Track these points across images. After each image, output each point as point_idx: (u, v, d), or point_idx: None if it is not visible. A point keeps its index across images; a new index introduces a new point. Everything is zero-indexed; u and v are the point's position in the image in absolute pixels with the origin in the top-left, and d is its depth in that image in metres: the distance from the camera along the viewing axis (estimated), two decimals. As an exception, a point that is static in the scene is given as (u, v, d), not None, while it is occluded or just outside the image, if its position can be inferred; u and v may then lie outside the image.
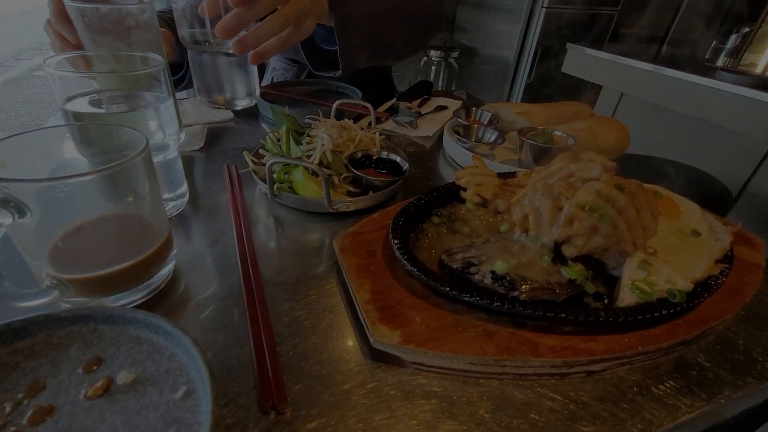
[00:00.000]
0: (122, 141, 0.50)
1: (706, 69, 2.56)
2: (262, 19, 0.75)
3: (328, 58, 1.11)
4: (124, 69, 0.56)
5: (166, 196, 0.66)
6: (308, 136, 0.81)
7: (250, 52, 0.77)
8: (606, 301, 0.51)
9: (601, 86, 2.84)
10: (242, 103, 1.12)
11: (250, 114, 1.17)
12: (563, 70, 2.96)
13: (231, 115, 1.12)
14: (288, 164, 0.72)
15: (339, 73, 1.05)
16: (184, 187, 0.71)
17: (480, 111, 1.09)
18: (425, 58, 4.11)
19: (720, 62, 2.98)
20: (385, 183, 0.75)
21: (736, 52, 2.87)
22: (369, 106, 0.96)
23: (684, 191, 1.73)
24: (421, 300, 0.50)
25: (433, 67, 4.34)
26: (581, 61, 2.80)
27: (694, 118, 2.24)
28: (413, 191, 0.85)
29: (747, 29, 2.92)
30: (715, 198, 1.78)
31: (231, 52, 0.88)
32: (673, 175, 1.87)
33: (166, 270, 0.55)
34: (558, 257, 0.52)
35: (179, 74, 1.13)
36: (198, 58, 1.01)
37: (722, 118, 2.11)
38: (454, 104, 1.41)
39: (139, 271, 0.50)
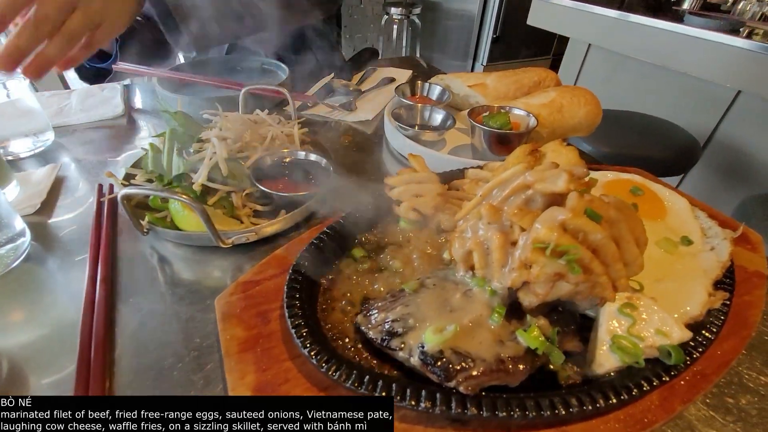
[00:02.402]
0: None
1: (674, 12, 2.43)
2: None
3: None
4: None
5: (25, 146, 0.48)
6: (198, 140, 0.62)
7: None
8: (577, 366, 0.38)
9: (568, 38, 2.69)
10: (23, 148, 0.74)
11: (151, 109, 0.96)
12: (529, 22, 2.76)
13: (121, 110, 0.90)
14: (148, 196, 0.54)
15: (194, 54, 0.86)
16: (17, 227, 0.52)
17: (428, 85, 0.91)
18: (386, 16, 3.79)
19: (687, 5, 2.84)
20: (301, 198, 0.59)
21: (705, -8, 2.72)
22: (284, 91, 0.76)
23: (653, 145, 1.63)
24: (324, 393, 0.35)
25: (395, 26, 4.01)
26: (547, 11, 2.62)
27: (662, 67, 2.14)
28: (346, 198, 0.68)
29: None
30: (683, 149, 1.71)
31: None
32: (642, 129, 1.78)
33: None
34: (513, 308, 0.38)
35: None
36: None
37: (689, 66, 2.01)
38: (404, 75, 1.22)
39: None
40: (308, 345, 0.36)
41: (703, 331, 0.40)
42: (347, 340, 0.40)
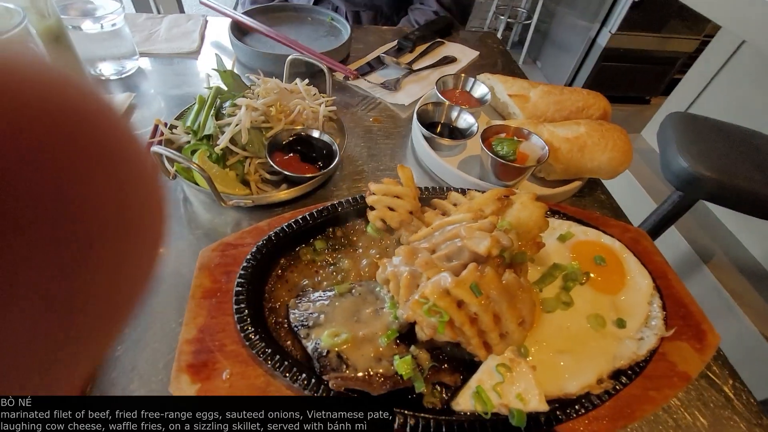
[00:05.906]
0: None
1: None
2: None
3: None
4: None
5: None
6: (233, 104, 0.72)
7: None
8: (447, 397, 0.45)
9: (719, 27, 2.19)
10: (110, 71, 0.89)
11: (223, 47, 1.06)
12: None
13: (196, 45, 1.02)
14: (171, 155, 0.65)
15: None
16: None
17: (472, 81, 0.90)
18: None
19: None
20: (301, 179, 0.67)
21: None
22: (322, 64, 0.81)
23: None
24: (244, 350, 0.47)
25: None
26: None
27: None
28: (337, 188, 0.74)
29: None
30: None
31: None
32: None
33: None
34: (409, 335, 0.46)
35: None
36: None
37: None
38: (469, 56, 1.17)
39: None
40: (242, 308, 0.47)
41: (575, 406, 0.44)
42: (278, 315, 0.50)
